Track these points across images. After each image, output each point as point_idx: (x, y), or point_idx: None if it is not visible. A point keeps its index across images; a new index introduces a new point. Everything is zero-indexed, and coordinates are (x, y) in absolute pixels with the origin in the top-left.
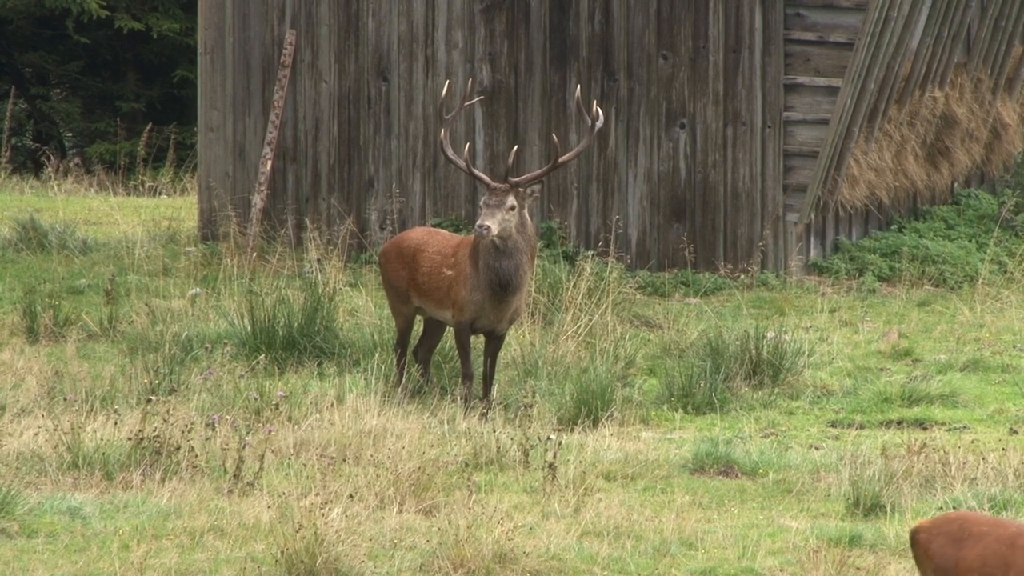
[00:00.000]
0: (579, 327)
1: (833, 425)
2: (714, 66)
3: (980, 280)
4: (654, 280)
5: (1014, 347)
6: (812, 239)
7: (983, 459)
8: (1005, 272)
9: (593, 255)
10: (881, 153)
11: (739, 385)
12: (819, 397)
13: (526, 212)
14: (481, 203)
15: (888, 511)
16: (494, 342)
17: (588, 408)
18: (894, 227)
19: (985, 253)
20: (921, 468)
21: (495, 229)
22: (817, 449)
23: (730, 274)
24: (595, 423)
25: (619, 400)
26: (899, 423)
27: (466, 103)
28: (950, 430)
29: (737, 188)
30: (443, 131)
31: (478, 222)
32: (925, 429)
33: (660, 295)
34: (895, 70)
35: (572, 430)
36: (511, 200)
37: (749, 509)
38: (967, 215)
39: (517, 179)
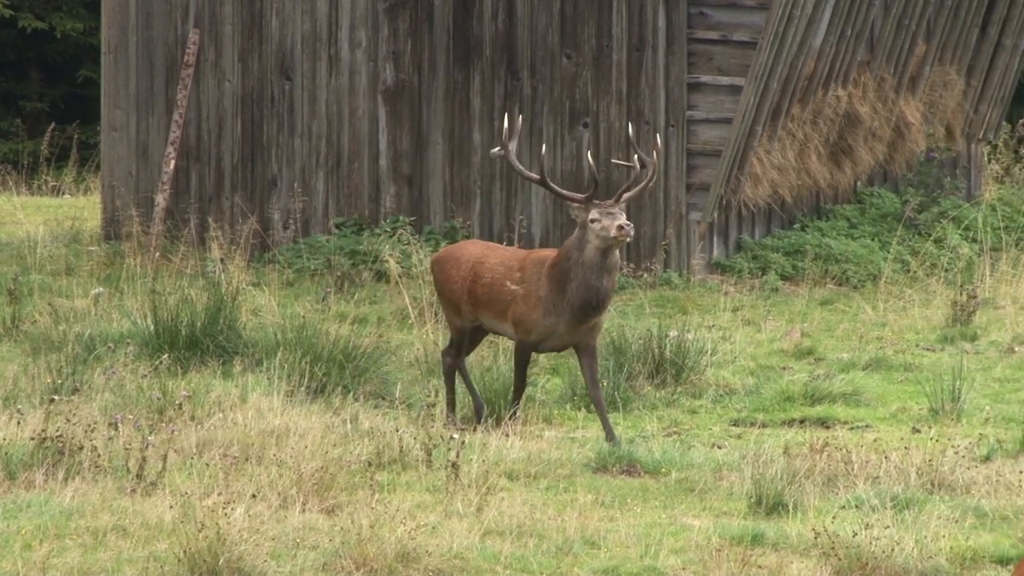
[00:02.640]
0: None
1: (735, 424)
2: (617, 65)
3: (883, 279)
4: None
5: (916, 346)
6: (715, 238)
7: (886, 458)
8: (908, 271)
9: None
10: (784, 152)
11: (642, 384)
12: (721, 396)
13: None
14: (596, 215)
15: (790, 510)
16: (586, 358)
17: (491, 407)
18: (797, 226)
19: (888, 252)
20: (824, 467)
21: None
22: (719, 448)
23: (633, 273)
24: (498, 422)
25: (522, 399)
26: (801, 422)
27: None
28: (852, 429)
29: None
30: (511, 148)
31: (619, 222)
32: (827, 428)
33: None
34: (798, 69)
35: (475, 429)
36: (623, 212)
37: (652, 508)
38: (870, 214)
39: (627, 194)
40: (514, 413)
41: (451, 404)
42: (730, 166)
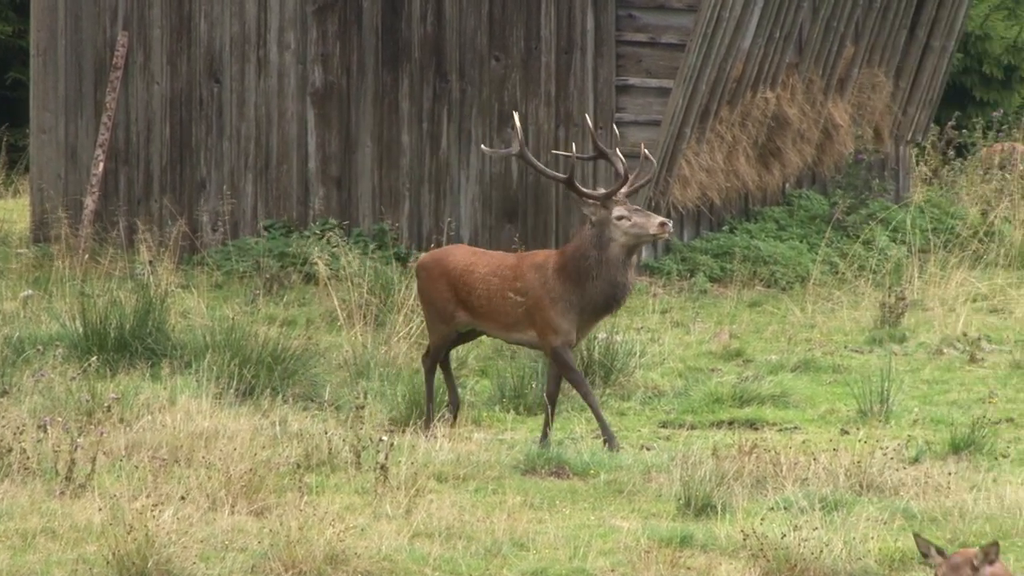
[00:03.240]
0: (411, 328)
1: (664, 426)
2: (546, 67)
3: (811, 281)
4: None
5: (845, 347)
6: None
7: (814, 459)
8: (836, 273)
9: None
10: (712, 154)
11: (569, 387)
12: (650, 398)
13: None
14: (624, 212)
15: (719, 511)
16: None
17: (420, 409)
18: (725, 228)
19: (816, 254)
20: (752, 468)
21: None
22: (648, 449)
23: None
24: (427, 424)
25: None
26: (730, 423)
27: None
28: (781, 430)
29: None
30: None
31: (658, 220)
32: (756, 429)
33: None
34: (727, 71)
35: (404, 431)
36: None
37: (580, 510)
38: (798, 216)
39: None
40: (608, 436)
41: (431, 413)
42: (659, 168)
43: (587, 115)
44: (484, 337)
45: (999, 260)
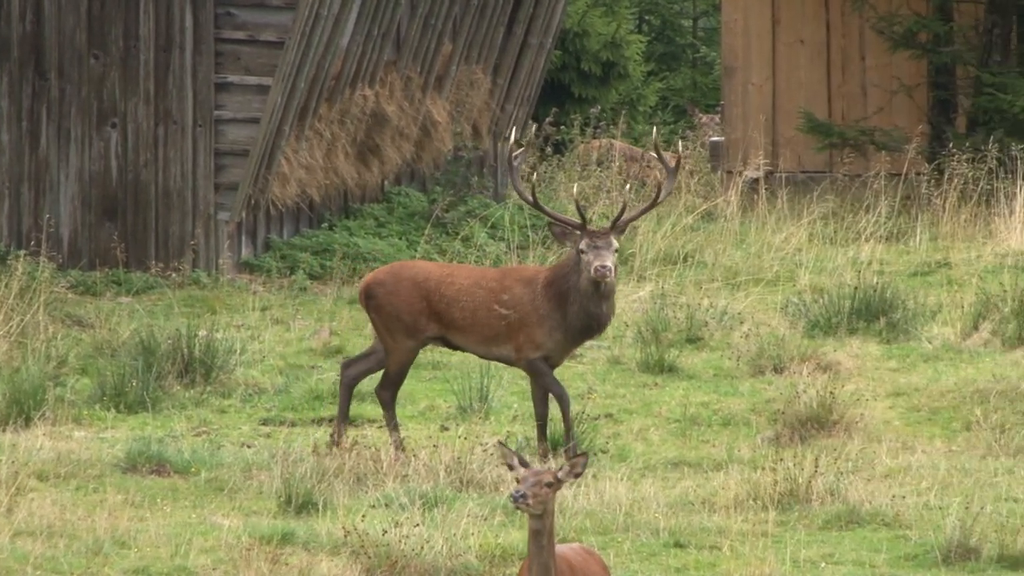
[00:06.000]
0: (11, 327)
1: (265, 423)
2: (145, 65)
3: None
4: (86, 279)
5: None
6: (243, 237)
7: (415, 456)
8: None
9: (25, 255)
10: (312, 151)
11: (171, 384)
12: (251, 395)
13: None
14: (585, 247)
15: (320, 508)
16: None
17: (20, 408)
18: (325, 225)
19: (416, 251)
20: (353, 465)
21: (615, 271)
22: (249, 447)
23: (162, 273)
24: (27, 422)
25: (51, 399)
26: (331, 420)
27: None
28: (381, 427)
29: (168, 187)
30: (516, 164)
31: (597, 263)
32: (357, 426)
33: (92, 294)
34: (326, 68)
35: (4, 430)
36: (615, 243)
37: (182, 507)
38: (398, 213)
39: (622, 220)
40: (570, 444)
41: (343, 420)
42: (258, 166)
43: (655, 127)
44: (79, 335)
45: None
